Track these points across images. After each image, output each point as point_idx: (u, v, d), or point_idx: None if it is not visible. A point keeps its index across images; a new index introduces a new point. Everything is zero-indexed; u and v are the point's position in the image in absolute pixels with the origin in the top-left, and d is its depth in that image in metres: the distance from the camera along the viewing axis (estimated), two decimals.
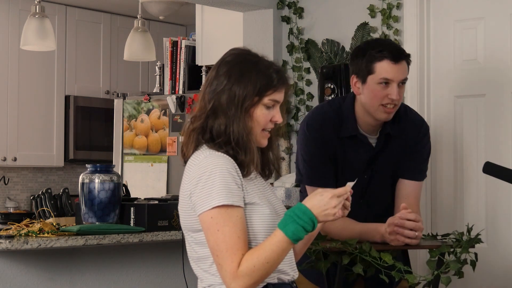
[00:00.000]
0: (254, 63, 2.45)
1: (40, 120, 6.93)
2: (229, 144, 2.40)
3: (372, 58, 3.20)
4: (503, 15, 4.19)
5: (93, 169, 3.73)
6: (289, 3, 4.90)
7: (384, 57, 3.18)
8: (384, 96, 3.19)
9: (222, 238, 2.33)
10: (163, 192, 5.59)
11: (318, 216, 2.34)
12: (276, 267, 2.36)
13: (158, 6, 6.21)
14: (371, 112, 3.24)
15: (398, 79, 3.18)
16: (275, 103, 2.45)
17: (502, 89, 4.17)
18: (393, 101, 3.19)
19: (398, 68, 3.18)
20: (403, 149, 3.36)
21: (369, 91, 3.21)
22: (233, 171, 2.37)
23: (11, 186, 7.02)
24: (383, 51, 3.18)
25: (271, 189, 2.60)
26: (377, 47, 3.22)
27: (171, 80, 5.76)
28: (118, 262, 3.77)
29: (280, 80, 2.46)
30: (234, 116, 2.41)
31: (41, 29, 5.14)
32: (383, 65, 3.18)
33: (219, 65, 2.48)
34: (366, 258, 3.14)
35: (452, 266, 3.21)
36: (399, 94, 3.20)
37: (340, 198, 2.37)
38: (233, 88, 2.42)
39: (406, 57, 3.23)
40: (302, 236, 2.33)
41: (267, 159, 2.55)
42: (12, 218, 5.94)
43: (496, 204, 4.16)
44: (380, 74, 3.18)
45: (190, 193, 2.39)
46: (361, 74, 3.23)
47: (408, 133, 3.37)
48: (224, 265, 2.33)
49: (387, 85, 3.18)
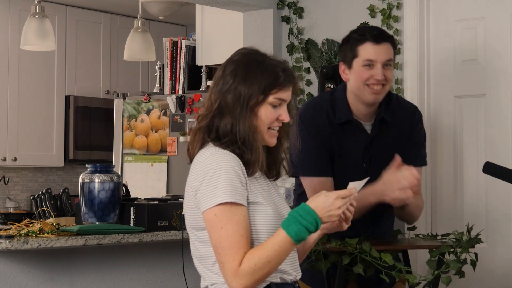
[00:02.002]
0: (260, 62, 2.45)
1: (40, 120, 6.93)
2: (235, 143, 2.41)
3: (355, 42, 3.31)
4: (503, 15, 4.19)
5: (93, 169, 3.73)
6: (289, 3, 4.90)
7: (366, 40, 3.29)
8: (369, 77, 3.28)
9: (224, 235, 2.33)
10: (163, 192, 5.59)
11: (322, 217, 2.33)
12: (277, 267, 2.36)
13: (158, 6, 6.21)
14: (359, 95, 3.32)
15: (381, 59, 3.28)
16: (281, 101, 2.45)
17: (502, 89, 4.17)
18: (378, 81, 3.27)
19: (381, 49, 3.28)
20: (400, 137, 3.41)
21: (355, 74, 3.31)
22: (238, 169, 2.37)
23: (11, 186, 7.01)
24: (365, 34, 3.30)
25: (277, 189, 2.60)
26: (359, 31, 3.36)
27: (171, 80, 5.77)
28: (118, 262, 3.77)
29: (286, 78, 2.45)
30: (240, 116, 2.41)
31: (41, 29, 5.14)
32: (366, 47, 3.28)
33: (226, 64, 2.48)
34: (366, 258, 3.14)
35: (452, 266, 3.21)
36: (384, 74, 3.28)
37: (345, 200, 2.36)
38: (238, 87, 2.42)
39: (388, 38, 3.34)
40: (305, 237, 2.33)
41: (274, 159, 2.54)
42: (12, 218, 5.95)
43: (496, 204, 4.16)
44: (363, 56, 3.29)
45: (195, 191, 2.40)
46: (347, 60, 3.34)
47: (403, 120, 3.44)
48: (226, 263, 2.33)
49: (372, 67, 3.28)
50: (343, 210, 2.36)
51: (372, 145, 3.37)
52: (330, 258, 3.21)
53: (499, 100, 4.17)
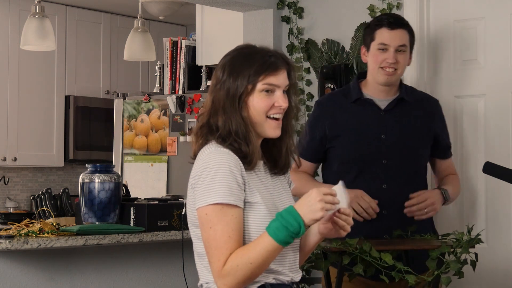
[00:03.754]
0: (246, 54, 2.45)
1: (40, 120, 6.93)
2: (231, 137, 2.40)
3: (373, 27, 3.64)
4: (503, 15, 4.18)
5: (93, 169, 3.73)
6: (289, 3, 4.90)
7: (382, 25, 3.60)
8: (383, 60, 3.58)
9: (213, 235, 2.33)
10: (163, 192, 5.60)
11: (305, 214, 2.30)
12: (263, 269, 2.34)
13: (158, 6, 6.21)
14: (373, 75, 3.63)
15: (394, 44, 3.58)
16: (273, 87, 2.43)
17: (502, 89, 4.17)
18: (390, 64, 3.56)
19: (395, 34, 3.58)
20: (427, 120, 3.70)
21: (371, 57, 3.63)
22: (236, 169, 2.36)
23: (11, 186, 7.01)
24: (382, 20, 3.63)
25: (284, 184, 2.56)
26: (378, 17, 3.74)
27: (171, 80, 5.76)
28: (118, 262, 3.77)
29: (273, 63, 2.43)
30: (230, 110, 2.41)
31: (41, 29, 5.14)
32: (381, 31, 3.60)
33: (219, 62, 2.50)
34: (366, 258, 3.14)
35: (452, 266, 3.21)
36: (396, 58, 3.57)
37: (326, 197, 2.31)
38: (226, 82, 2.43)
39: (403, 25, 3.63)
40: (285, 236, 2.29)
41: (279, 151, 2.51)
42: (12, 218, 5.95)
43: (496, 204, 4.16)
44: (378, 40, 3.60)
45: (193, 188, 2.40)
46: (366, 43, 3.67)
47: (424, 103, 3.75)
48: (212, 263, 2.34)
49: (385, 51, 3.58)
50: (323, 202, 2.30)
51: (385, 118, 3.62)
52: (330, 258, 3.22)
53: (499, 100, 4.17)
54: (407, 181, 3.60)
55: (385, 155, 3.59)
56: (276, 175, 2.54)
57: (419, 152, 3.67)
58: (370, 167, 3.58)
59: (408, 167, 3.63)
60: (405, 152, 3.61)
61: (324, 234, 2.50)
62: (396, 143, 3.60)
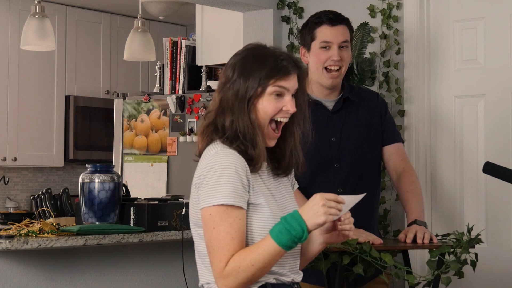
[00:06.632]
0: (258, 55, 2.43)
1: (40, 120, 6.93)
2: (238, 139, 2.39)
3: (312, 25, 3.52)
4: (503, 15, 4.19)
5: (93, 169, 3.73)
6: (289, 3, 4.90)
7: (322, 22, 3.50)
8: (327, 58, 3.47)
9: (215, 236, 2.32)
10: (163, 192, 5.59)
11: (308, 218, 2.30)
12: (264, 272, 2.34)
13: (158, 6, 6.21)
14: (318, 77, 3.50)
15: (337, 41, 3.47)
16: (283, 90, 2.42)
17: (502, 89, 4.18)
18: (335, 62, 3.46)
19: (337, 31, 3.48)
20: (372, 116, 3.59)
21: (313, 56, 3.50)
22: (241, 170, 2.35)
23: (11, 186, 7.02)
24: (321, 17, 3.51)
25: (287, 187, 2.56)
26: (316, 15, 3.56)
27: (171, 80, 5.76)
28: (118, 262, 3.77)
29: (286, 66, 2.42)
30: (239, 111, 2.40)
31: (41, 29, 5.14)
32: (322, 29, 3.49)
33: (229, 61, 2.48)
34: (366, 258, 3.14)
35: (452, 266, 3.21)
36: (340, 55, 3.46)
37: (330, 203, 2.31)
38: (236, 83, 2.41)
39: (343, 20, 3.53)
40: (287, 240, 2.29)
41: (283, 153, 2.50)
42: (12, 218, 5.95)
43: (496, 204, 4.16)
44: (320, 38, 3.49)
45: (198, 187, 2.39)
46: (306, 43, 3.54)
47: (368, 99, 3.63)
48: (213, 263, 2.33)
49: (328, 49, 3.47)
50: (326, 209, 2.29)
51: (332, 119, 3.52)
52: (330, 258, 3.21)
53: (499, 100, 4.17)
54: (361, 183, 3.48)
55: (336, 158, 3.49)
56: (279, 176, 2.54)
57: (369, 152, 3.56)
58: (324, 171, 3.47)
59: (360, 169, 3.52)
60: (355, 154, 3.51)
61: (329, 243, 2.51)
62: (346, 146, 3.50)
